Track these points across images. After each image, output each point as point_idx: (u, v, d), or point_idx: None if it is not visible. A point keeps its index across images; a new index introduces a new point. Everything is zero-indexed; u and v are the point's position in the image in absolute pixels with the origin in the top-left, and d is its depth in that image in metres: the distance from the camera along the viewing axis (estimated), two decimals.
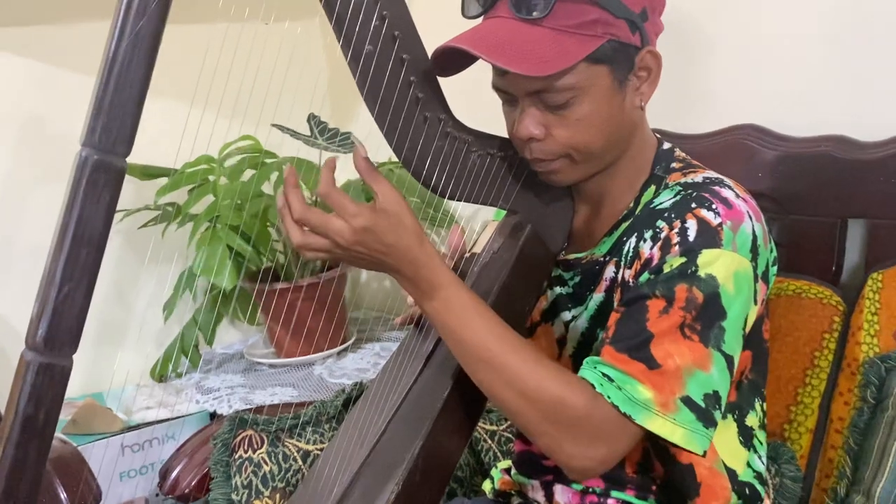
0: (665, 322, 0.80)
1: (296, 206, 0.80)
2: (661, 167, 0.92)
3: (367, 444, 0.88)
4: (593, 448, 0.80)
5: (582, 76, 0.82)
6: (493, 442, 1.28)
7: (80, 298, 0.69)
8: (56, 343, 0.69)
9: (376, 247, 0.79)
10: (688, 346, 0.80)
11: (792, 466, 1.03)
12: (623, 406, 0.79)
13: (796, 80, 1.23)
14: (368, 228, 0.78)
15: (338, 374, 1.62)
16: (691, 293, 0.80)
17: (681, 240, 0.82)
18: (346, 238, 0.78)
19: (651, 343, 0.80)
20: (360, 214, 0.78)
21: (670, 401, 0.79)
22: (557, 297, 1.00)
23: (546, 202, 0.97)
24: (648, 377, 0.79)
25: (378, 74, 0.83)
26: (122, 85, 0.69)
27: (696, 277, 0.80)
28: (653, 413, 0.79)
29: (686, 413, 0.80)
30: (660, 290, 0.81)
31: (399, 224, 0.80)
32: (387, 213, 0.79)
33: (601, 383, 0.80)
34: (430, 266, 0.82)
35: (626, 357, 0.81)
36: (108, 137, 0.69)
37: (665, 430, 0.79)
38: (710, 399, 0.81)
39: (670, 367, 0.79)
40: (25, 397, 0.68)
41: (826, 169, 1.13)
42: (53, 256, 0.69)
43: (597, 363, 0.82)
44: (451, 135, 0.88)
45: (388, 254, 0.80)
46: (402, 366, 0.94)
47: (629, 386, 0.79)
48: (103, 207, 0.70)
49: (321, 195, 0.80)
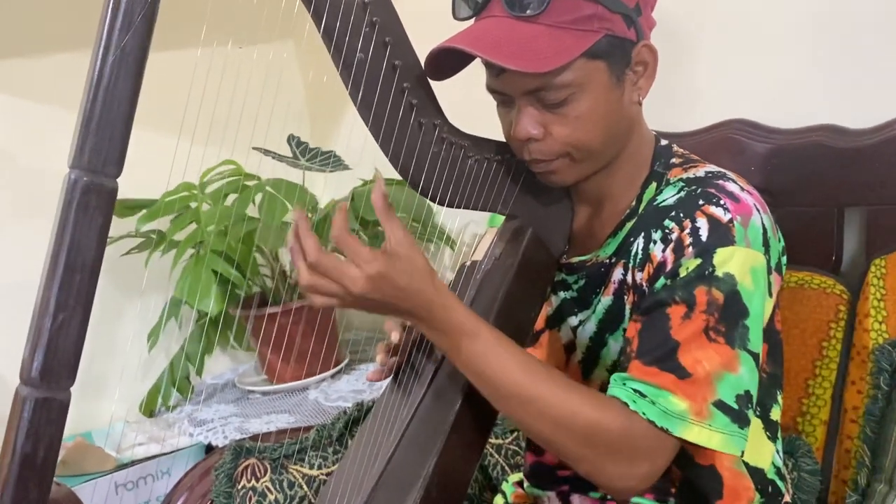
0: (689, 328, 0.79)
1: (310, 250, 0.76)
2: (661, 163, 0.91)
3: (379, 463, 0.85)
4: (635, 466, 0.79)
5: (580, 72, 0.81)
6: (501, 456, 1.25)
7: (76, 327, 0.66)
8: (53, 376, 0.66)
9: (390, 292, 0.77)
10: (714, 350, 0.78)
11: (809, 460, 1.02)
12: (659, 421, 0.78)
13: (780, 72, 1.23)
14: (383, 275, 0.76)
15: (333, 397, 1.59)
16: (711, 295, 0.79)
17: (693, 240, 0.80)
18: (361, 285, 0.75)
19: (678, 351, 0.79)
20: (374, 260, 0.76)
21: (704, 407, 0.78)
22: (562, 301, 0.98)
23: (545, 205, 0.95)
24: (680, 387, 0.78)
25: (371, 82, 0.81)
26: (110, 103, 0.66)
27: (714, 278, 0.79)
28: (688, 423, 0.78)
29: (720, 417, 0.78)
30: (679, 295, 0.79)
31: (412, 266, 0.78)
32: (399, 257, 0.77)
33: (634, 400, 0.79)
34: (444, 305, 0.80)
35: (655, 370, 0.79)
36: (97, 158, 0.66)
37: (702, 437, 0.78)
38: (742, 399, 0.79)
39: (700, 374, 0.78)
40: (23, 434, 0.65)
41: (820, 158, 1.12)
42: (46, 284, 0.66)
43: (626, 379, 0.81)
44: (447, 140, 0.86)
45: (401, 298, 0.78)
46: (410, 381, 0.91)
47: (662, 399, 0.78)
48: (95, 231, 0.67)
49: (334, 239, 0.77)
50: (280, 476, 1.07)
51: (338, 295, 0.77)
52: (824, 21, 1.19)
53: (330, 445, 1.13)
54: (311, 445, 1.12)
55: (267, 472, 1.07)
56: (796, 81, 1.21)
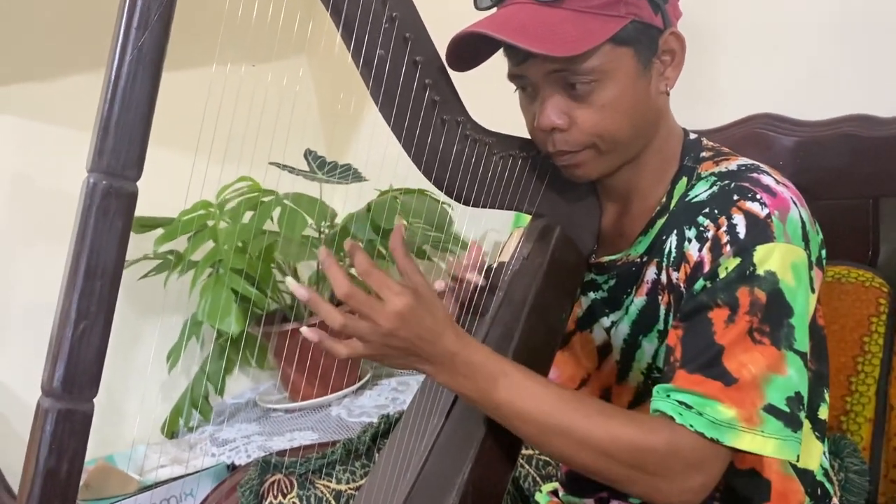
0: (733, 331, 0.76)
1: (340, 282, 0.72)
2: (691, 157, 0.88)
3: (411, 473, 0.82)
4: (689, 480, 0.76)
5: (606, 59, 0.79)
6: (532, 467, 1.22)
7: (98, 335, 0.64)
8: (75, 386, 0.63)
9: (417, 331, 0.73)
10: (760, 352, 0.75)
11: (856, 460, 0.98)
12: (708, 432, 0.75)
13: (804, 63, 1.20)
14: (413, 308, 0.72)
15: (357, 412, 1.56)
16: (754, 295, 0.76)
17: (731, 238, 0.77)
18: (391, 320, 0.72)
19: (723, 356, 0.76)
20: (404, 294, 0.72)
21: (754, 414, 0.75)
22: (593, 302, 0.95)
23: (572, 202, 0.92)
24: (727, 394, 0.75)
25: (392, 79, 0.79)
26: (128, 104, 0.64)
27: (756, 277, 0.76)
28: (738, 430, 0.74)
29: (773, 422, 0.75)
30: (721, 297, 0.76)
31: (435, 308, 0.75)
32: (421, 295, 0.74)
33: (680, 413, 0.76)
34: (468, 349, 0.76)
35: (700, 377, 0.76)
36: (116, 161, 0.64)
37: (755, 445, 0.75)
38: (794, 402, 0.76)
39: (746, 378, 0.75)
40: (46, 448, 0.62)
41: (851, 149, 1.10)
42: (66, 292, 0.63)
43: (669, 391, 0.78)
44: (471, 137, 0.84)
45: (426, 339, 0.74)
46: (440, 389, 0.88)
47: (710, 409, 0.75)
48: (116, 236, 0.65)
49: (361, 275, 0.73)
50: (307, 491, 1.04)
51: (366, 335, 0.73)
52: (847, 8, 1.16)
53: (357, 459, 1.10)
54: (337, 460, 1.09)
55: (294, 487, 1.04)
56: (821, 72, 1.18)
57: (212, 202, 1.62)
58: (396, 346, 0.74)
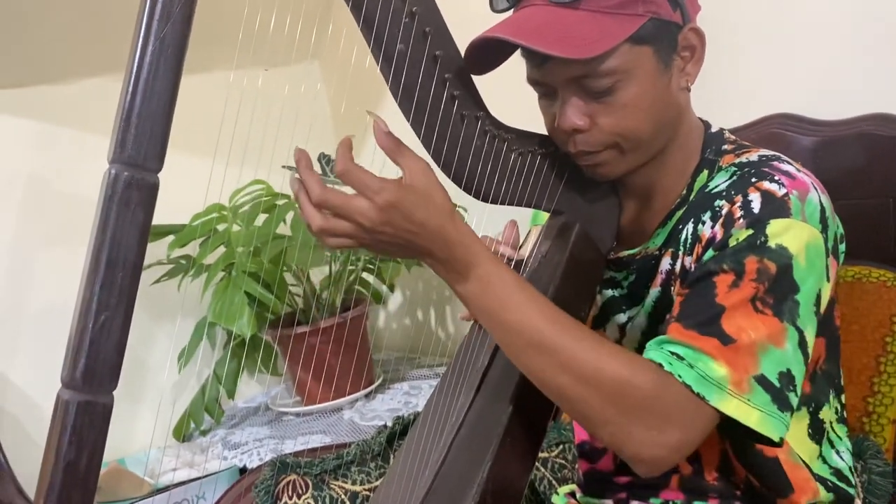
0: (736, 295, 0.74)
1: (313, 187, 0.71)
2: (713, 150, 0.88)
3: (430, 471, 0.81)
4: (665, 433, 0.73)
5: (625, 58, 0.78)
6: (547, 469, 1.21)
7: (119, 327, 0.64)
8: (95, 378, 0.63)
9: (405, 226, 0.71)
10: (761, 320, 0.74)
11: (879, 461, 0.96)
12: (696, 385, 0.73)
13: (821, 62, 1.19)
14: (395, 204, 0.70)
15: (369, 416, 1.55)
16: (762, 264, 0.74)
17: (744, 212, 0.76)
18: (372, 218, 0.70)
19: (722, 317, 0.74)
20: (384, 190, 0.70)
21: (744, 380, 0.73)
22: (609, 300, 0.94)
23: (592, 200, 0.92)
24: (722, 353, 0.73)
25: (412, 74, 0.79)
26: (150, 95, 0.64)
27: (767, 248, 0.75)
28: (726, 393, 0.73)
29: (761, 394, 0.73)
30: (727, 263, 0.75)
31: (429, 200, 0.72)
32: (415, 189, 0.72)
33: (670, 362, 0.74)
34: (465, 244, 0.74)
35: (695, 333, 0.74)
36: (138, 152, 0.64)
37: (740, 412, 0.73)
38: (785, 378, 0.74)
39: (744, 341, 0.73)
40: (66, 441, 0.62)
41: (870, 149, 1.09)
42: (87, 283, 0.63)
43: (663, 342, 0.76)
44: (490, 133, 0.84)
45: (418, 233, 0.72)
46: (458, 386, 0.87)
47: (701, 363, 0.73)
48: (137, 227, 0.64)
49: (339, 174, 0.72)
50: (322, 492, 1.04)
51: (350, 234, 0.71)
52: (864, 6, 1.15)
53: (372, 460, 1.09)
54: (353, 461, 1.08)
55: (309, 488, 1.03)
56: (838, 70, 1.18)
57: (225, 206, 1.62)
58: (385, 241, 0.72)
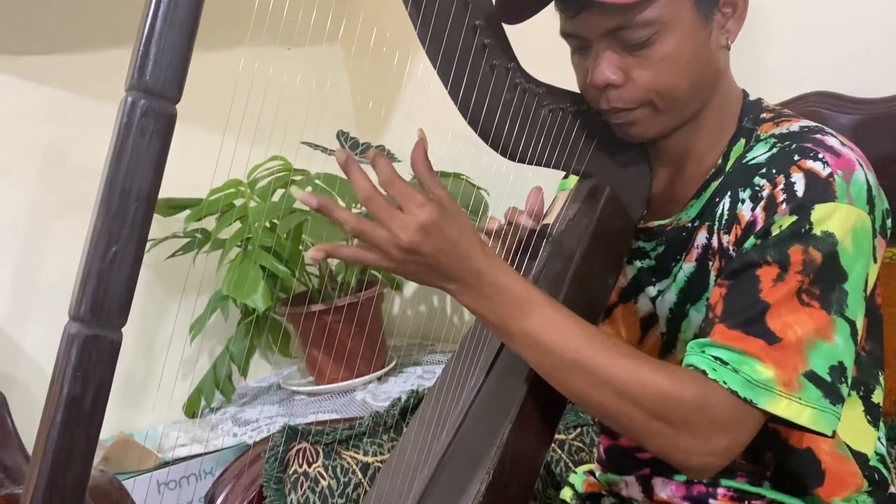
0: (781, 290, 0.71)
1: (362, 186, 0.68)
2: (750, 119, 0.84)
3: (447, 433, 0.78)
4: (713, 440, 0.71)
5: (664, 9, 0.75)
6: (564, 452, 1.17)
7: (130, 260, 0.61)
8: (104, 312, 0.60)
9: (440, 245, 0.69)
10: (808, 314, 0.71)
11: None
12: (742, 390, 0.70)
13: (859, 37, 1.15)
14: (436, 222, 0.68)
15: (382, 398, 1.52)
16: (808, 254, 0.71)
17: (787, 196, 0.73)
18: (411, 233, 0.68)
19: (767, 314, 0.71)
20: (428, 205, 0.68)
21: (793, 378, 0.70)
22: (638, 272, 0.91)
23: (623, 164, 0.88)
24: (768, 353, 0.70)
25: (441, 20, 0.76)
26: (172, 22, 0.62)
27: (812, 236, 0.71)
28: (775, 394, 0.70)
29: (812, 390, 0.70)
30: (771, 254, 0.72)
31: (462, 224, 0.71)
32: (447, 209, 0.70)
33: (714, 368, 0.71)
34: (496, 270, 0.72)
35: (740, 334, 0.72)
36: (156, 80, 0.61)
37: (791, 411, 0.70)
38: (836, 372, 0.72)
39: (791, 339, 0.70)
40: (70, 375, 0.59)
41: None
42: (98, 213, 0.61)
43: (705, 346, 0.73)
44: (520, 86, 0.81)
45: (450, 256, 0.70)
46: (475, 354, 0.84)
47: (747, 367, 0.70)
48: (152, 157, 0.62)
49: (382, 184, 0.69)
50: (333, 462, 1.01)
51: (384, 245, 0.68)
52: None
53: (385, 433, 1.06)
54: (365, 432, 1.05)
55: (319, 457, 1.00)
56: (877, 46, 1.13)
57: (242, 181, 1.60)
58: (417, 261, 0.69)
